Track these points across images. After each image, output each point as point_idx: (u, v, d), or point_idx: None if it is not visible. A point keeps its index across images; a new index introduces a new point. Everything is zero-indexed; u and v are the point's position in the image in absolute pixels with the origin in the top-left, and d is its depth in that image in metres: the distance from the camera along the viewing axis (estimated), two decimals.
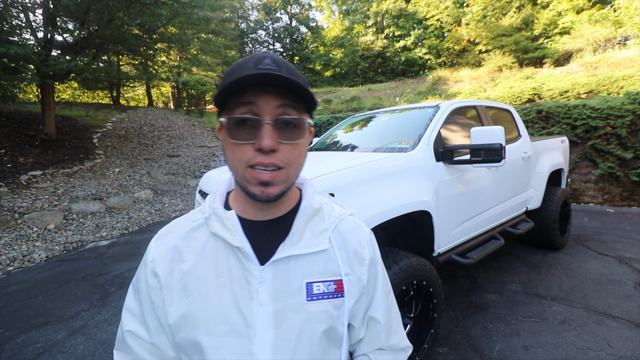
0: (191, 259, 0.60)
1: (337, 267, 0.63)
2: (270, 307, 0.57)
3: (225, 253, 0.60)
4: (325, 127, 7.97)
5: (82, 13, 6.94)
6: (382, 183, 1.87)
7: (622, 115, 5.51)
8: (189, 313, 0.57)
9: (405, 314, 1.89)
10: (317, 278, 0.61)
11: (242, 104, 0.54)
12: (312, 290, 0.60)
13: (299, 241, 0.61)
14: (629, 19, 12.09)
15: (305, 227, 0.63)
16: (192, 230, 0.63)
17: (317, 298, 0.60)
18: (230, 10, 21.95)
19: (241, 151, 0.55)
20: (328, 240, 0.64)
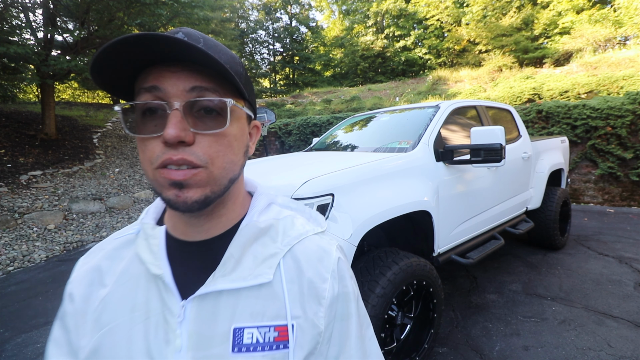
0: (111, 283, 0.48)
1: (281, 307, 0.46)
2: (188, 355, 0.43)
3: (145, 281, 0.47)
4: (325, 127, 7.97)
5: (82, 13, 6.95)
6: (382, 183, 1.87)
7: (622, 115, 5.51)
8: (98, 350, 0.45)
9: (405, 314, 1.89)
10: (250, 322, 0.45)
11: (143, 90, 0.43)
12: (242, 338, 0.44)
13: (233, 270, 0.46)
14: (629, 19, 12.09)
15: (243, 252, 0.48)
16: (119, 248, 0.52)
17: (246, 350, 0.43)
18: (230, 10, 21.95)
19: (148, 148, 0.43)
20: (274, 270, 0.47)
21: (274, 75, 27.47)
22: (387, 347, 1.75)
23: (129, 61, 0.41)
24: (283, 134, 8.56)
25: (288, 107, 13.76)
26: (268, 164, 2.40)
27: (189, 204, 0.43)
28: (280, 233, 0.51)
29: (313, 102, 14.51)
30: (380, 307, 1.62)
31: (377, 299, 1.62)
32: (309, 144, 5.24)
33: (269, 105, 14.09)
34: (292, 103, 14.75)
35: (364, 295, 1.63)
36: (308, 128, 8.21)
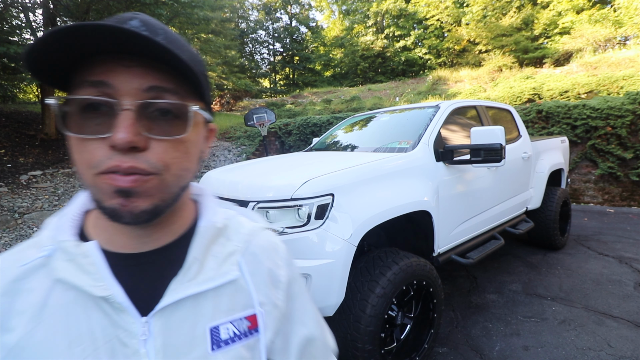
0: (22, 324, 0.39)
1: (249, 298, 0.48)
2: None
3: (82, 308, 0.40)
4: (325, 127, 7.97)
5: (82, 13, 6.95)
6: (382, 183, 1.87)
7: (622, 115, 5.51)
8: None
9: (405, 314, 1.89)
10: (224, 318, 0.45)
11: (87, 84, 0.37)
12: (219, 335, 0.45)
13: (197, 274, 0.45)
14: (629, 19, 12.10)
15: (206, 255, 0.47)
16: (20, 279, 0.41)
17: (225, 344, 0.44)
18: (230, 10, 21.94)
19: (88, 151, 0.37)
20: (238, 266, 0.48)
21: (274, 75, 27.48)
22: (387, 347, 1.75)
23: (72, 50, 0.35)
24: (283, 134, 8.57)
25: (288, 107, 13.76)
26: (268, 164, 2.40)
27: (135, 213, 0.38)
28: (233, 232, 0.51)
29: (313, 102, 14.51)
30: (380, 307, 1.62)
31: (377, 299, 1.62)
32: (309, 144, 5.25)
33: (269, 105, 14.09)
34: (292, 103, 14.76)
35: (364, 295, 1.63)
36: (308, 128, 8.21)
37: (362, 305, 1.61)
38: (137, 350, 0.40)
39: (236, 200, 1.80)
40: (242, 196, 1.78)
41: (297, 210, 1.62)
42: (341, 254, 1.58)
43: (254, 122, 6.00)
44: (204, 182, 2.24)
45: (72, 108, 0.37)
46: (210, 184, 2.13)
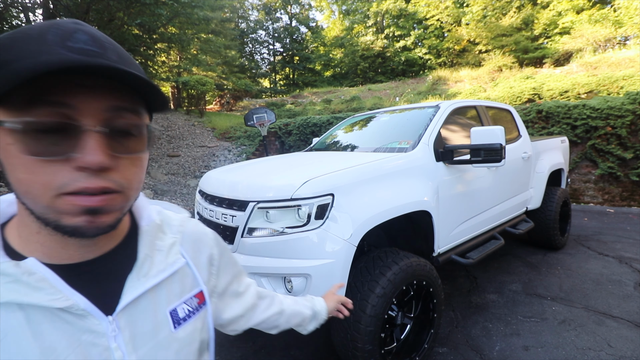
0: None
1: (194, 279, 0.56)
2: (132, 357, 0.45)
3: (40, 325, 0.39)
4: (325, 127, 7.97)
5: (82, 13, 6.95)
6: (382, 183, 1.87)
7: (622, 115, 5.51)
8: None
9: (405, 314, 1.89)
10: (178, 300, 0.52)
11: (43, 103, 0.35)
12: (178, 315, 0.51)
13: (150, 269, 0.49)
14: (629, 19, 12.09)
15: (153, 250, 0.51)
16: None
17: (184, 322, 0.52)
18: (230, 10, 21.94)
19: (47, 172, 0.36)
20: (181, 255, 0.55)
21: (274, 75, 27.47)
22: (387, 347, 1.75)
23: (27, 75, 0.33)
24: (283, 134, 8.57)
25: (288, 107, 13.76)
26: (268, 164, 2.40)
27: (102, 228, 0.40)
28: (167, 225, 0.57)
29: (313, 102, 14.51)
30: (380, 307, 1.62)
31: (377, 299, 1.62)
32: (309, 144, 5.25)
33: (269, 105, 14.09)
34: (292, 103, 14.75)
35: (364, 295, 1.63)
36: (308, 128, 8.21)
37: (362, 305, 1.61)
38: (107, 347, 0.43)
39: (236, 201, 1.80)
40: (242, 196, 1.78)
41: (297, 210, 1.62)
42: (341, 254, 1.58)
43: (254, 122, 6.00)
44: (204, 182, 2.24)
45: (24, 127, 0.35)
46: (211, 184, 2.13)
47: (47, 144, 0.36)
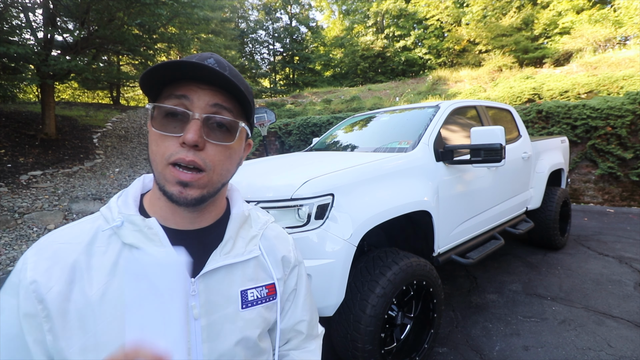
0: (100, 278, 0.50)
1: (268, 272, 0.64)
2: (203, 321, 0.54)
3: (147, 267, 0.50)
4: (325, 127, 7.97)
5: (82, 13, 6.95)
6: (382, 183, 1.87)
7: (622, 115, 5.51)
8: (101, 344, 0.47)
9: (405, 314, 1.89)
10: (250, 285, 0.61)
11: (174, 96, 0.52)
12: (247, 297, 0.60)
13: (231, 250, 0.60)
14: (629, 19, 12.09)
15: (237, 235, 0.62)
16: (94, 242, 0.53)
17: (251, 305, 0.60)
18: (230, 10, 21.95)
19: (165, 144, 0.51)
20: (258, 247, 0.64)
21: (274, 75, 27.46)
22: (387, 347, 1.75)
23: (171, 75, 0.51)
24: (283, 134, 8.56)
25: (288, 107, 13.75)
26: (268, 164, 2.40)
27: (188, 199, 0.52)
28: (254, 221, 0.67)
29: (313, 102, 14.51)
30: (380, 307, 1.62)
31: (377, 299, 1.62)
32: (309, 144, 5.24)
33: (269, 105, 14.08)
34: (292, 103, 14.75)
35: (364, 295, 1.63)
36: (308, 128, 8.21)
37: (362, 305, 1.61)
38: (188, 304, 0.53)
39: None
40: (242, 196, 1.77)
41: (297, 210, 1.62)
42: (341, 254, 1.58)
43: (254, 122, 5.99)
44: None
45: (159, 112, 0.52)
46: None
47: (170, 125, 0.52)
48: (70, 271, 0.50)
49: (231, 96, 0.54)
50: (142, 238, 0.53)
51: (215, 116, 0.53)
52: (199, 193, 0.53)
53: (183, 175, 0.51)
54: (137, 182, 0.63)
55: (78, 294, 0.49)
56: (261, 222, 0.68)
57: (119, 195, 0.59)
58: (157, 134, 0.52)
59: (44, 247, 0.51)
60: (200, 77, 0.51)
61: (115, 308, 0.49)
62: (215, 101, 0.52)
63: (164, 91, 0.53)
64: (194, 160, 0.51)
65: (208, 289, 0.56)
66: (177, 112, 0.51)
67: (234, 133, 0.55)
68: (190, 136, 0.49)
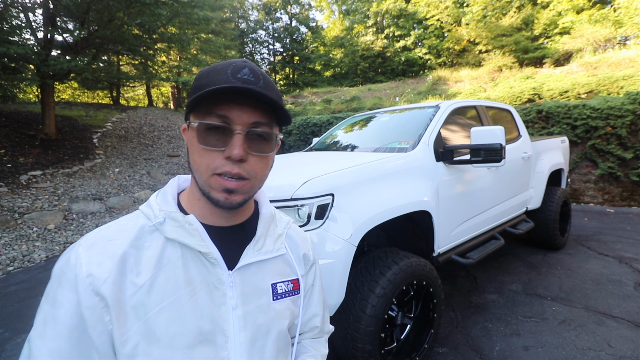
0: (147, 270, 0.54)
1: (293, 268, 0.70)
2: (240, 311, 0.59)
3: (189, 260, 0.57)
4: (325, 127, 7.96)
5: (82, 13, 6.95)
6: (382, 183, 1.87)
7: (622, 115, 5.51)
8: (150, 331, 0.52)
9: (405, 314, 1.89)
10: (279, 279, 0.66)
11: (215, 115, 0.54)
12: (277, 290, 0.65)
13: (262, 247, 0.64)
14: (629, 19, 12.09)
15: (267, 233, 0.67)
16: (140, 238, 0.57)
17: (281, 297, 0.65)
18: (230, 10, 21.94)
19: (209, 157, 0.55)
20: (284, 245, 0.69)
21: (274, 75, 27.46)
22: (387, 347, 1.75)
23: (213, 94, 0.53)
24: (283, 134, 8.56)
25: (288, 107, 13.75)
26: None
27: (233, 205, 0.57)
28: (278, 220, 0.72)
29: (313, 102, 14.51)
30: (380, 307, 1.62)
31: (377, 299, 1.62)
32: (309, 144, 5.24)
33: None
34: (292, 103, 14.75)
35: (364, 295, 1.63)
36: (308, 128, 8.21)
37: (362, 305, 1.61)
38: (225, 294, 0.58)
39: None
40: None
41: (297, 210, 1.61)
42: (341, 254, 1.58)
43: None
44: None
45: (201, 127, 0.55)
46: None
47: (212, 139, 0.55)
48: (120, 264, 0.53)
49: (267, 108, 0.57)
50: (184, 233, 0.57)
51: (256, 130, 0.56)
52: (242, 198, 0.57)
53: (229, 183, 0.55)
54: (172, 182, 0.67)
55: (129, 285, 0.53)
56: (285, 222, 0.73)
57: (156, 194, 0.63)
58: (201, 147, 0.55)
59: (95, 243, 0.55)
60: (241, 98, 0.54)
61: (163, 298, 0.53)
62: (255, 119, 0.56)
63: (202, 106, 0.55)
64: (240, 173, 0.55)
65: (243, 281, 0.60)
66: (221, 127, 0.54)
67: (271, 143, 0.60)
68: (237, 152, 0.53)
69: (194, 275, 0.57)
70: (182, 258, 0.57)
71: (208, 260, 0.58)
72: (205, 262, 0.58)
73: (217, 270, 0.58)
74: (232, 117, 0.54)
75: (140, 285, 0.53)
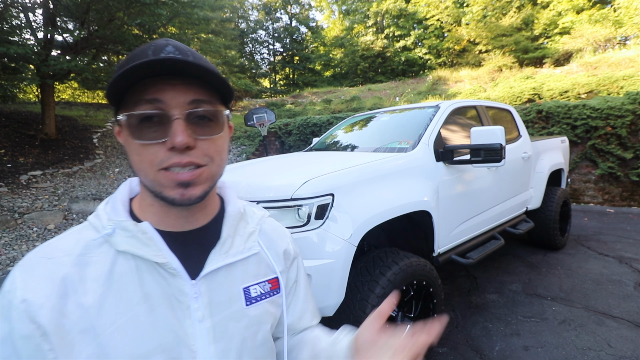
0: (95, 288, 0.48)
1: (270, 266, 0.64)
2: (208, 322, 0.53)
3: (144, 273, 0.51)
4: (325, 127, 7.96)
5: (82, 13, 6.94)
6: (382, 183, 1.87)
7: (622, 115, 5.51)
8: (104, 354, 0.46)
9: (405, 314, 1.89)
10: (252, 281, 0.60)
11: (144, 102, 0.47)
12: (250, 294, 0.59)
13: (230, 248, 0.58)
14: (629, 19, 12.09)
15: (234, 233, 0.60)
16: (85, 253, 0.50)
17: (256, 301, 0.59)
18: (230, 10, 21.92)
19: (150, 153, 0.48)
20: (257, 243, 0.63)
21: (274, 75, 27.46)
22: None
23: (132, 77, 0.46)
24: (283, 134, 8.56)
25: (288, 107, 13.75)
26: (268, 164, 2.40)
27: (192, 199, 0.50)
28: (249, 216, 0.65)
29: (313, 102, 14.51)
30: None
31: (377, 299, 1.62)
32: (309, 144, 5.25)
33: (269, 105, 14.08)
34: (292, 103, 14.75)
35: (364, 295, 1.63)
36: (308, 128, 8.21)
37: (362, 305, 1.61)
38: (189, 306, 0.52)
39: None
40: (242, 196, 1.76)
41: (297, 210, 1.61)
42: (341, 254, 1.58)
43: (254, 122, 5.99)
44: None
45: (132, 121, 0.48)
46: None
47: (148, 132, 0.48)
48: (61, 285, 0.47)
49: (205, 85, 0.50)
50: (137, 244, 0.50)
51: (198, 110, 0.49)
52: (202, 190, 0.51)
53: (182, 175, 0.48)
54: (123, 186, 0.60)
55: (74, 307, 0.46)
56: (257, 218, 0.66)
57: (106, 201, 0.56)
58: (138, 144, 0.48)
59: (32, 264, 0.48)
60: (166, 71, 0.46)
61: (117, 317, 0.48)
62: (192, 97, 0.49)
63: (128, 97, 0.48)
64: (192, 161, 0.48)
65: (210, 290, 0.54)
66: (154, 115, 0.47)
67: (220, 123, 0.53)
68: (180, 139, 0.46)
69: (151, 289, 0.50)
70: (137, 271, 0.50)
71: (166, 271, 0.51)
72: (163, 273, 0.51)
73: (177, 281, 0.52)
74: (165, 99, 0.47)
75: (87, 306, 0.47)
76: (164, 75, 0.47)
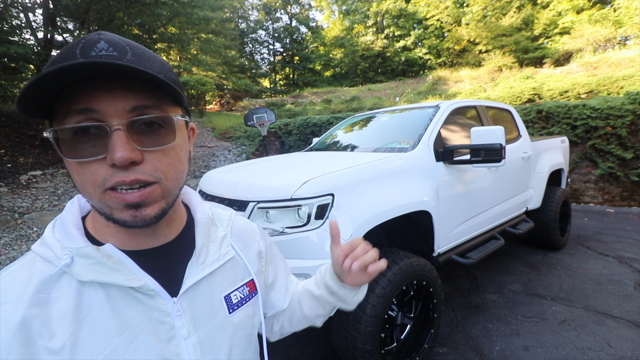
0: (63, 328, 0.42)
1: (245, 269, 0.61)
2: (194, 338, 0.50)
3: (117, 301, 0.45)
4: (325, 127, 7.96)
5: (82, 13, 6.95)
6: (382, 183, 1.87)
7: (622, 115, 5.50)
8: None
9: (405, 314, 1.89)
10: (231, 288, 0.58)
11: (74, 112, 0.39)
12: (231, 301, 0.57)
13: (206, 258, 0.55)
14: (629, 19, 12.09)
15: (208, 241, 0.56)
16: (41, 290, 0.43)
17: (237, 307, 0.57)
18: (230, 10, 21.92)
19: (90, 172, 0.41)
20: (231, 247, 0.60)
21: (274, 75, 27.47)
22: (387, 347, 1.75)
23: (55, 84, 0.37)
24: (283, 134, 8.56)
25: (288, 107, 13.75)
26: (268, 164, 2.40)
27: (147, 220, 0.44)
28: (218, 220, 0.62)
29: (313, 102, 14.51)
30: (380, 307, 1.62)
31: (377, 299, 1.62)
32: (309, 144, 5.25)
33: (269, 105, 14.09)
34: (292, 103, 14.75)
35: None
36: (308, 128, 8.21)
37: (362, 305, 1.61)
38: (173, 325, 0.49)
39: (236, 200, 1.80)
40: (242, 196, 1.78)
41: (297, 210, 1.62)
42: None
43: (254, 122, 6.00)
44: (204, 182, 2.24)
45: (64, 136, 0.40)
46: (211, 183, 2.13)
47: (85, 147, 0.40)
48: (21, 332, 0.40)
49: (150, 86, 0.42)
50: (104, 270, 0.44)
51: (141, 117, 0.41)
52: (157, 210, 0.44)
53: (130, 196, 0.41)
54: (70, 205, 0.52)
55: (43, 354, 0.41)
56: (226, 220, 0.63)
57: (52, 226, 0.49)
58: (74, 163, 0.41)
59: None
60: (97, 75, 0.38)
61: (94, 355, 0.43)
62: (133, 104, 0.41)
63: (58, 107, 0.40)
64: (138, 179, 0.41)
65: (192, 305, 0.51)
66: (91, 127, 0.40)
67: (171, 129, 0.45)
68: (120, 154, 0.39)
69: (128, 317, 0.45)
70: (108, 300, 0.45)
71: (143, 294, 0.46)
72: (139, 297, 0.46)
73: (157, 302, 0.47)
74: (99, 109, 0.39)
75: (58, 349, 0.41)
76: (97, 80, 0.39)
